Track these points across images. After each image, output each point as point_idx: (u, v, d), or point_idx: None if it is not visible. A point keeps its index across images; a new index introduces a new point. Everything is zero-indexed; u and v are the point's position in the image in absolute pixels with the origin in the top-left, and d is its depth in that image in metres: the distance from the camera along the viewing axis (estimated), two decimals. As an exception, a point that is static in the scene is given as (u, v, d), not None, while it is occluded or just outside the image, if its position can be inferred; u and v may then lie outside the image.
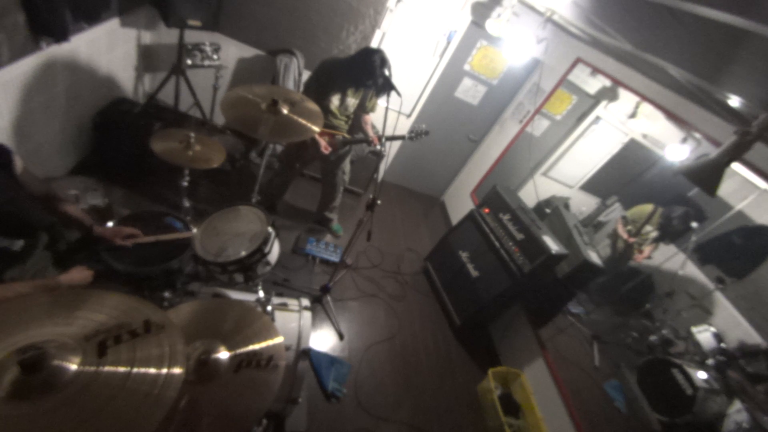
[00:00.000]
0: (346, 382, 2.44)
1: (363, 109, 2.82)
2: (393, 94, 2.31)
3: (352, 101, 2.71)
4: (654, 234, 2.61)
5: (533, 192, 3.52)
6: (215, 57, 3.30)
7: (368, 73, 2.44)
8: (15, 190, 1.32)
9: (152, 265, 1.69)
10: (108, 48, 2.73)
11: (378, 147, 2.39)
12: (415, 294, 3.43)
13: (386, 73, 2.36)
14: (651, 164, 2.80)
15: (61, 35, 2.04)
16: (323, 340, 2.64)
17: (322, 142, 2.67)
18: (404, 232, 4.15)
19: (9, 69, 1.86)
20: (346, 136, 2.79)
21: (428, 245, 3.89)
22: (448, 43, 3.62)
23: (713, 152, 1.34)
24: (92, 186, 2.44)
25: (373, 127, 3.06)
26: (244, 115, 1.88)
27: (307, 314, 1.92)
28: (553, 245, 2.67)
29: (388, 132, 2.54)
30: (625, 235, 2.77)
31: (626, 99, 2.97)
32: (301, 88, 3.20)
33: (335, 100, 2.65)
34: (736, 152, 1.27)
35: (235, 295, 1.92)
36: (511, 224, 2.97)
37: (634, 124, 2.95)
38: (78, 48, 2.36)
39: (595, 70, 3.17)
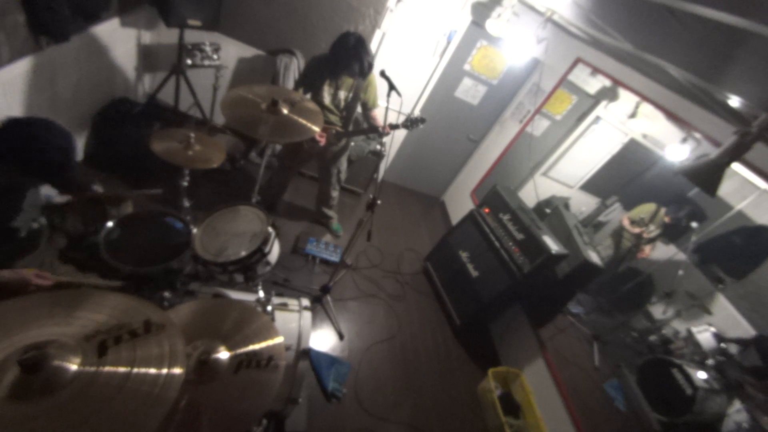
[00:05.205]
0: (346, 382, 2.44)
1: (364, 106, 2.81)
2: (393, 93, 2.30)
3: (343, 94, 2.70)
4: (656, 232, 2.62)
5: (533, 192, 3.52)
6: (215, 57, 3.30)
7: (344, 52, 2.44)
8: None
9: (152, 265, 1.69)
10: (108, 48, 2.72)
11: (380, 137, 2.36)
12: (415, 294, 3.42)
13: (364, 53, 2.40)
14: (651, 164, 2.80)
15: (60, 35, 2.04)
16: (323, 340, 2.64)
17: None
18: (404, 232, 4.15)
19: (9, 69, 1.86)
20: (340, 129, 2.78)
21: (428, 245, 3.88)
22: (448, 43, 3.62)
23: (713, 152, 1.34)
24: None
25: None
26: (244, 115, 1.88)
27: (307, 314, 1.92)
28: (553, 245, 2.66)
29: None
30: (628, 226, 2.78)
31: (626, 99, 2.97)
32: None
33: (327, 95, 2.66)
34: (736, 152, 1.28)
35: (235, 295, 1.91)
36: (511, 224, 2.97)
37: (634, 124, 2.95)
38: (78, 48, 2.35)
39: (595, 70, 3.17)
